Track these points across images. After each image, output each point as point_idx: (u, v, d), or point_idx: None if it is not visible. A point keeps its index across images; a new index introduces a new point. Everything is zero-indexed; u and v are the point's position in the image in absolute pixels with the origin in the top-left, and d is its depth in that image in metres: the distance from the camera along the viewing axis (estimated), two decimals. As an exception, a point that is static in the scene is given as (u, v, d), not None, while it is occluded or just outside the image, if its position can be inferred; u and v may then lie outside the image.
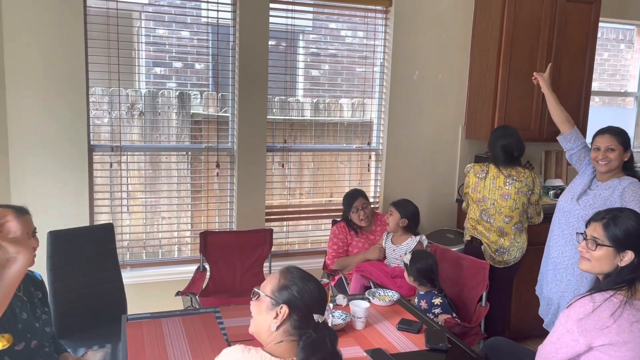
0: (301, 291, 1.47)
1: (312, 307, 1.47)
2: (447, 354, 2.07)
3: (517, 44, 3.77)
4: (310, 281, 1.50)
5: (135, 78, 3.66)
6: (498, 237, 3.23)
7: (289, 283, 1.48)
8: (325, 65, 3.96)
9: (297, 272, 1.53)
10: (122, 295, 2.90)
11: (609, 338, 1.73)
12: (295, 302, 1.46)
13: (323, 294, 1.51)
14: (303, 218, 4.05)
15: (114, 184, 3.49)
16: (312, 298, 1.47)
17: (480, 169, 3.28)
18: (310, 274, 1.54)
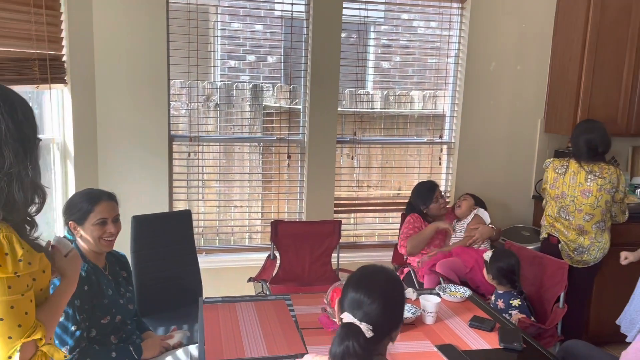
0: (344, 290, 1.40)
1: (344, 302, 1.38)
2: (522, 354, 2.01)
3: (603, 34, 3.54)
4: (355, 285, 1.39)
5: (211, 71, 3.80)
6: (577, 235, 3.08)
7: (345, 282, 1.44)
8: (397, 57, 3.92)
9: (357, 273, 1.45)
10: (198, 279, 3.03)
11: None
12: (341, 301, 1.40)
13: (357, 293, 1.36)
14: (371, 210, 4.05)
15: (190, 173, 3.65)
16: (344, 292, 1.39)
17: (560, 164, 3.14)
18: (378, 268, 1.44)
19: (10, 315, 1.22)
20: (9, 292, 1.22)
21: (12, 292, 1.22)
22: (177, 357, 2.09)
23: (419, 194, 3.50)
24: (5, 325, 1.22)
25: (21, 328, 1.24)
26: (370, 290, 1.34)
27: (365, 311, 1.32)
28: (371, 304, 1.32)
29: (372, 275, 1.40)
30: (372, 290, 1.34)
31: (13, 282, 1.22)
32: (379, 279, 1.39)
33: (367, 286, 1.35)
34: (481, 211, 3.37)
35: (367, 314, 1.31)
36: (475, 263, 3.09)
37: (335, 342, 1.31)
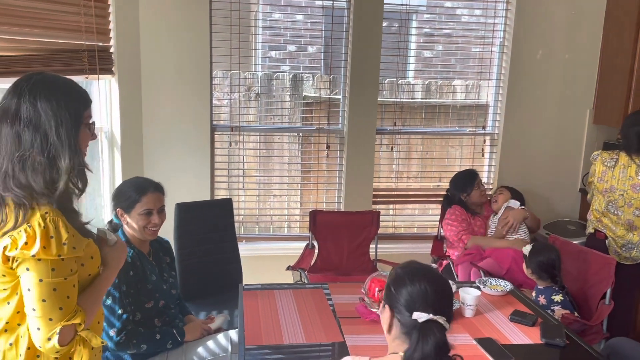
0: (398, 286, 1.32)
1: (411, 303, 1.29)
2: (564, 350, 1.96)
3: (659, 19, 3.37)
4: (414, 275, 1.32)
5: (252, 61, 3.84)
6: (626, 231, 2.96)
7: (392, 280, 1.36)
8: (439, 45, 3.85)
9: (405, 266, 1.37)
10: (238, 266, 3.09)
11: None
12: (393, 297, 1.32)
13: (429, 288, 1.30)
14: (410, 202, 4.01)
15: (231, 162, 3.71)
16: (409, 292, 1.29)
17: (609, 157, 3.02)
18: (426, 270, 1.36)
19: (53, 297, 1.26)
20: (52, 275, 1.25)
21: (55, 274, 1.26)
22: (217, 340, 2.15)
23: (458, 183, 3.45)
24: (47, 307, 1.26)
25: (62, 311, 1.27)
26: (435, 284, 1.31)
27: (435, 307, 1.28)
28: (439, 297, 1.30)
29: (425, 270, 1.35)
30: (437, 283, 1.31)
31: (57, 265, 1.26)
32: (434, 272, 1.36)
33: (429, 281, 1.31)
34: (511, 202, 3.30)
35: (436, 308, 1.28)
36: (513, 262, 3.01)
37: (420, 343, 1.25)
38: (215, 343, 2.13)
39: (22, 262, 1.24)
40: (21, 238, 1.22)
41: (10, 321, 1.31)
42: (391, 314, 1.33)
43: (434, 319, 1.26)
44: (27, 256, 1.23)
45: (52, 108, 1.28)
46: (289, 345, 1.93)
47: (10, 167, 1.26)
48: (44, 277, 1.25)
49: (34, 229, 1.23)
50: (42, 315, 1.26)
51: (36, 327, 1.27)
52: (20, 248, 1.22)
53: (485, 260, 3.16)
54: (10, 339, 1.32)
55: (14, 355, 1.32)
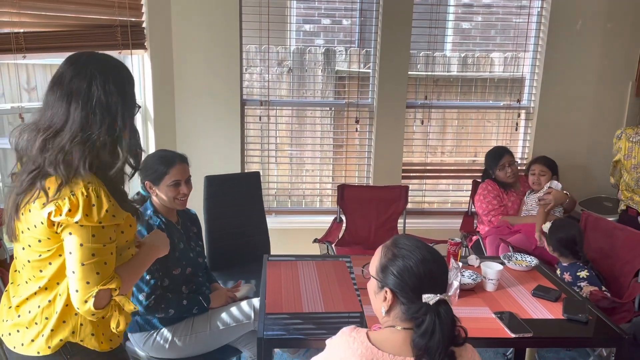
0: (402, 271, 1.27)
1: (419, 287, 1.25)
2: (587, 326, 1.92)
3: None
4: (412, 255, 1.28)
5: (286, 35, 3.83)
6: None
7: (389, 262, 1.30)
8: (478, 17, 3.74)
9: (401, 246, 1.32)
10: (266, 238, 3.16)
11: None
12: (397, 284, 1.27)
13: (432, 268, 1.27)
14: (443, 177, 3.97)
15: (263, 136, 3.75)
16: (417, 277, 1.26)
17: (634, 132, 2.93)
18: (421, 244, 1.32)
19: (91, 262, 1.33)
20: (92, 241, 1.33)
21: (95, 240, 1.33)
22: (241, 307, 2.21)
23: (488, 159, 3.39)
24: (85, 271, 1.33)
25: (99, 276, 1.35)
26: (435, 261, 1.28)
27: (441, 285, 1.28)
28: (442, 274, 1.29)
29: (421, 247, 1.31)
30: (436, 260, 1.29)
31: (97, 232, 1.33)
32: (429, 247, 1.32)
33: (429, 259, 1.28)
34: (555, 183, 3.20)
35: (442, 287, 1.28)
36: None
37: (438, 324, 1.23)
38: (239, 310, 2.20)
39: (66, 227, 1.32)
40: (65, 205, 1.29)
41: (51, 280, 1.40)
42: (393, 297, 1.28)
43: (443, 298, 1.26)
44: (71, 222, 1.30)
45: (119, 92, 1.36)
46: (307, 313, 1.98)
47: (69, 146, 1.32)
48: (85, 242, 1.32)
49: (77, 197, 1.30)
50: (81, 278, 1.33)
51: (75, 289, 1.35)
52: (65, 214, 1.30)
53: (515, 236, 3.12)
54: (49, 296, 1.41)
55: (51, 312, 1.41)
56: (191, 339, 2.13)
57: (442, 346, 1.22)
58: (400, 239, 1.34)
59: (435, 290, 1.25)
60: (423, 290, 1.25)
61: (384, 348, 1.25)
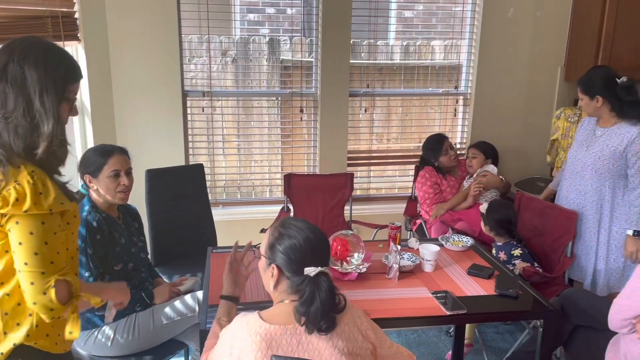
0: (287, 248, 1.40)
1: (303, 262, 1.38)
2: (517, 300, 2.04)
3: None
4: (298, 235, 1.41)
5: (231, 25, 3.79)
6: None
7: (276, 240, 1.42)
8: (419, 5, 3.81)
9: (287, 226, 1.44)
10: (212, 230, 3.15)
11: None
12: (283, 260, 1.40)
13: (315, 246, 1.41)
14: (388, 163, 4.05)
15: (209, 128, 3.71)
16: (301, 253, 1.39)
17: (573, 113, 3.08)
18: (306, 225, 1.45)
19: (44, 250, 1.28)
20: (42, 228, 1.28)
21: (45, 228, 1.28)
22: (185, 301, 2.21)
23: (428, 147, 3.48)
24: (40, 260, 1.27)
25: (54, 265, 1.29)
26: (317, 238, 1.42)
27: (323, 259, 1.42)
28: (322, 249, 1.44)
29: (305, 226, 1.45)
30: (319, 237, 1.43)
31: (47, 219, 1.29)
32: (312, 226, 1.46)
33: (312, 236, 1.41)
34: (490, 167, 3.34)
35: (323, 260, 1.42)
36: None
37: (317, 293, 1.35)
38: (183, 304, 2.20)
39: (12, 217, 1.27)
40: (11, 195, 1.25)
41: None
42: (279, 272, 1.41)
43: (323, 270, 1.39)
44: (19, 212, 1.25)
45: (38, 74, 1.29)
46: (250, 302, 2.00)
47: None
48: (35, 230, 1.27)
49: (23, 186, 1.26)
50: (35, 268, 1.27)
51: (29, 281, 1.28)
52: (12, 205, 1.25)
53: (459, 223, 3.23)
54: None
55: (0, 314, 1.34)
56: (134, 335, 2.11)
57: (320, 313, 1.34)
58: (288, 220, 1.47)
59: (317, 265, 1.38)
60: (305, 264, 1.38)
61: (275, 322, 1.36)
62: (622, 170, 2.62)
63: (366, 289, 2.13)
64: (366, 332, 1.44)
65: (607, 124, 2.67)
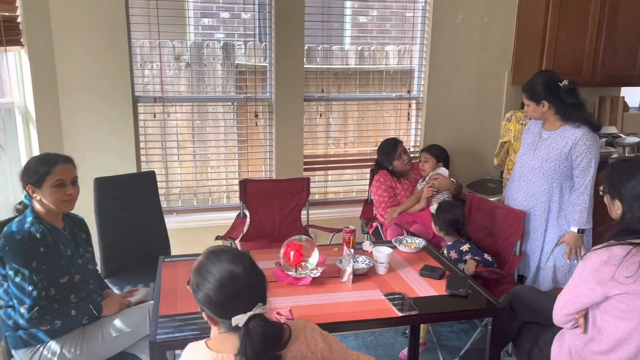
0: (206, 301, 1.29)
1: (226, 311, 1.27)
2: (467, 299, 2.08)
3: (568, -17, 3.51)
4: (212, 284, 1.28)
5: (185, 30, 3.73)
6: None
7: (194, 293, 1.32)
8: (374, 11, 3.86)
9: (202, 273, 1.31)
10: (165, 239, 3.08)
11: (626, 287, 1.68)
12: (209, 310, 1.31)
13: (235, 290, 1.28)
14: (346, 167, 4.07)
15: (163, 134, 3.64)
16: (220, 304, 1.28)
17: (524, 116, 3.17)
18: (224, 265, 1.29)
19: None
20: None
21: None
22: (135, 312, 2.15)
23: (383, 151, 3.53)
24: None
25: None
26: (243, 275, 1.29)
27: (251, 300, 1.28)
28: (251, 287, 1.30)
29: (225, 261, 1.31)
30: (245, 273, 1.29)
31: None
32: (236, 258, 1.33)
33: (234, 277, 1.28)
34: (442, 170, 3.42)
35: (252, 300, 1.28)
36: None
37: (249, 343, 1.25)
38: (133, 315, 2.14)
39: None
40: None
41: None
42: (210, 318, 1.33)
43: (253, 314, 1.26)
44: None
45: None
46: (189, 312, 1.96)
47: None
48: None
49: None
50: None
51: None
52: None
53: (414, 226, 3.29)
54: None
55: None
56: (82, 350, 2.04)
57: (258, 358, 1.25)
58: (204, 263, 1.32)
59: (244, 309, 1.26)
60: (230, 312, 1.26)
61: (224, 350, 1.30)
62: (568, 171, 2.73)
63: (320, 293, 2.13)
64: (322, 353, 1.39)
65: (553, 127, 2.78)
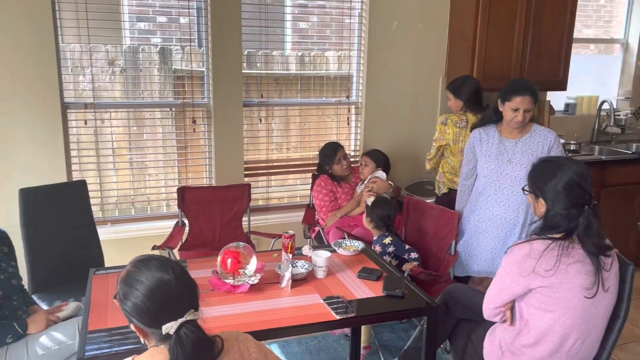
0: (134, 311, 1.25)
1: (156, 319, 1.24)
2: (403, 299, 2.12)
3: (495, -10, 3.66)
4: (140, 291, 1.24)
5: (119, 34, 3.62)
6: None
7: (122, 302, 1.28)
8: (314, 17, 3.88)
9: (129, 282, 1.27)
10: (98, 251, 2.97)
11: (546, 280, 1.77)
12: (138, 320, 1.26)
13: (164, 297, 1.25)
14: (289, 172, 4.06)
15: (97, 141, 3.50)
16: (149, 312, 1.24)
17: (459, 119, 3.27)
18: (152, 273, 1.26)
19: None
20: None
21: None
22: (64, 328, 2.06)
23: (323, 155, 3.56)
24: None
25: None
26: (173, 282, 1.25)
27: (181, 307, 1.25)
28: (181, 295, 1.26)
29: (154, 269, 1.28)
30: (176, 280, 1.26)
31: None
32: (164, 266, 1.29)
33: (163, 284, 1.25)
34: (379, 173, 3.49)
35: (183, 307, 1.25)
36: None
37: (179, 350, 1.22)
38: (61, 331, 2.05)
39: None
40: None
41: None
42: (140, 330, 1.29)
43: (184, 321, 1.24)
44: None
45: None
46: (120, 327, 1.89)
47: None
48: None
49: None
50: None
51: None
52: None
53: (355, 229, 3.32)
54: None
55: None
56: (5, 371, 1.93)
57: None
58: (131, 272, 1.28)
59: (175, 316, 1.24)
60: (161, 320, 1.23)
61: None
62: None
63: (259, 300, 2.11)
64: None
65: (516, 134, 2.77)
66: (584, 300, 1.78)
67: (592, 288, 1.76)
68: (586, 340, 1.85)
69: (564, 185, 1.82)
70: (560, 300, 1.78)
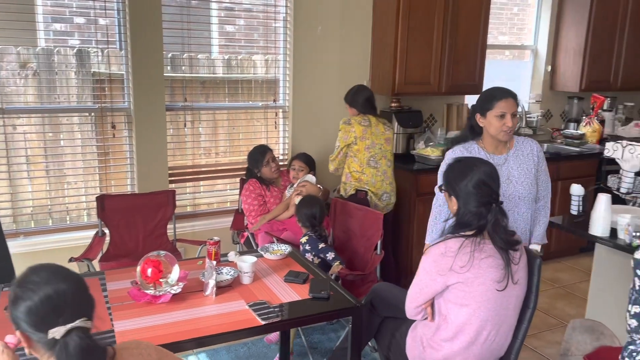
0: (24, 313, 1.20)
1: (46, 323, 1.20)
2: (329, 301, 2.14)
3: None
4: (35, 293, 1.20)
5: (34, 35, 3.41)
6: (382, 182, 3.42)
7: (12, 305, 1.23)
8: (240, 20, 3.84)
9: (24, 284, 1.22)
10: (8, 265, 2.77)
11: (462, 276, 1.85)
12: (26, 325, 1.21)
13: (62, 299, 1.21)
14: (217, 177, 3.99)
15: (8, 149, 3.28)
16: (40, 315, 1.20)
17: (362, 119, 3.43)
18: (50, 276, 1.23)
19: None
20: None
21: None
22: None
23: (252, 158, 3.54)
24: None
25: None
26: (66, 285, 1.22)
27: (71, 312, 1.22)
28: (72, 299, 1.22)
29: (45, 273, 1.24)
30: (69, 284, 1.23)
31: None
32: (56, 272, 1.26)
33: (53, 286, 1.21)
34: (309, 176, 3.50)
35: (73, 313, 1.22)
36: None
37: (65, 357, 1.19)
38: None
39: None
40: None
41: None
42: (26, 338, 1.23)
43: (72, 327, 1.20)
44: None
45: None
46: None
47: None
48: None
49: None
50: None
51: None
52: None
53: (284, 233, 3.32)
54: None
55: None
56: None
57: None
58: (26, 275, 1.24)
59: (64, 322, 1.20)
60: (49, 325, 1.19)
61: None
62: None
63: (182, 310, 2.06)
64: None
65: (503, 150, 2.43)
66: (496, 293, 1.88)
67: (502, 281, 1.86)
68: (499, 331, 1.95)
69: (474, 185, 1.91)
70: (475, 294, 1.86)
